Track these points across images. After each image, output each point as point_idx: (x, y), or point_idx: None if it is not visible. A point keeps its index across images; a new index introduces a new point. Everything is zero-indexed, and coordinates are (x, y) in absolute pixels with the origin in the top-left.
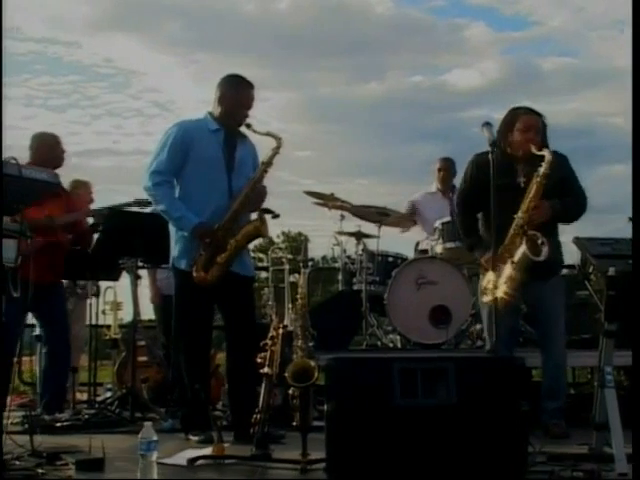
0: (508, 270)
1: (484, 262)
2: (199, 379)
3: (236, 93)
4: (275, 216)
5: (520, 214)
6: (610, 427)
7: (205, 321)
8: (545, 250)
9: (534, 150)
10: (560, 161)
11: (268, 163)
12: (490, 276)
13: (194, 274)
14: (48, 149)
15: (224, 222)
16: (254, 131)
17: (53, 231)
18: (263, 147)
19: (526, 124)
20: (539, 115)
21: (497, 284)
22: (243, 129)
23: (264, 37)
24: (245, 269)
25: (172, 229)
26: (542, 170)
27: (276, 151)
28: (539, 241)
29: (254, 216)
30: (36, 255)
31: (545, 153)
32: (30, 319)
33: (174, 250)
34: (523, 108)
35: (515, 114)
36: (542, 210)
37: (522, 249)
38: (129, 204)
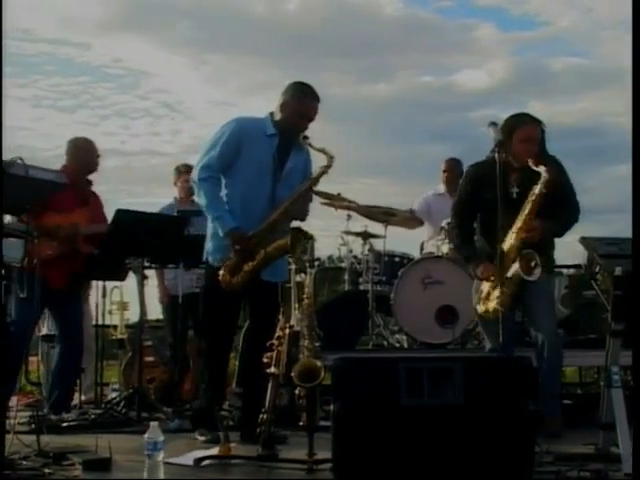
0: (501, 285)
1: (479, 274)
2: (212, 377)
3: (299, 103)
4: (308, 237)
5: (513, 234)
6: (617, 427)
7: (229, 320)
8: (537, 272)
9: (531, 164)
10: (556, 173)
11: (314, 181)
12: (485, 287)
13: (220, 276)
14: (84, 154)
15: (259, 231)
16: (309, 145)
17: (76, 239)
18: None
19: (526, 134)
20: (538, 122)
21: (490, 296)
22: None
23: (273, 38)
24: (276, 275)
25: (209, 225)
26: (538, 189)
27: (325, 170)
28: (532, 263)
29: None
30: (58, 261)
31: (542, 171)
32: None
33: (208, 244)
34: (522, 116)
35: (515, 122)
36: (534, 232)
37: (515, 267)
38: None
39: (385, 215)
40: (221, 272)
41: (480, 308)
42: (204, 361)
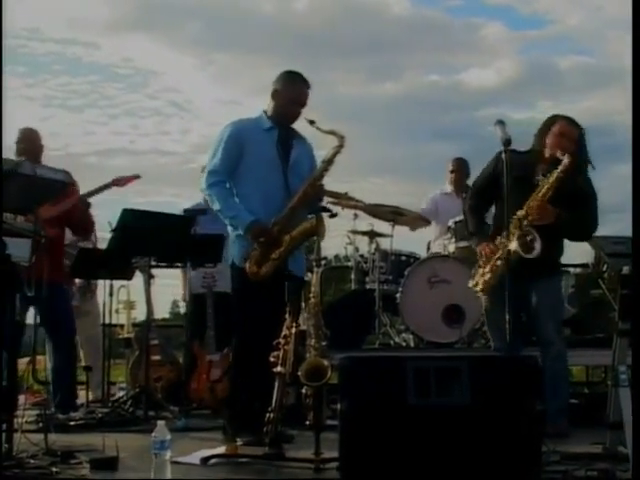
0: (496, 258)
1: (478, 250)
2: (248, 379)
3: (289, 90)
4: (332, 215)
5: (523, 209)
6: (624, 426)
7: (264, 319)
8: (536, 249)
9: (559, 154)
10: (585, 180)
11: (329, 161)
12: (480, 263)
13: (247, 269)
14: (28, 143)
15: (280, 218)
16: (317, 128)
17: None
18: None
19: (561, 129)
20: (578, 126)
21: (484, 273)
22: (303, 127)
23: (281, 37)
24: (298, 268)
25: (229, 229)
26: (557, 172)
27: (338, 150)
28: (529, 237)
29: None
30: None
31: (565, 157)
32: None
33: (232, 248)
34: (565, 116)
35: (555, 118)
36: (544, 212)
37: (513, 244)
38: (108, 185)
39: (392, 214)
40: (247, 265)
41: (470, 282)
42: (244, 362)
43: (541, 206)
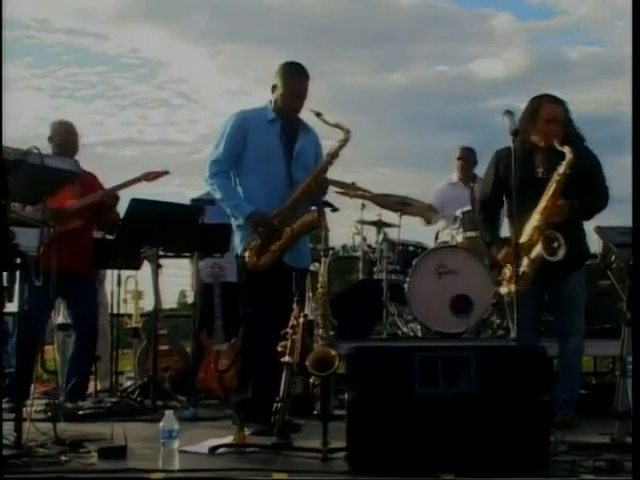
0: (523, 266)
1: (500, 259)
2: (254, 370)
3: (287, 82)
4: (334, 209)
5: (537, 214)
6: (632, 417)
7: (269, 310)
8: (561, 252)
9: (557, 145)
10: (585, 155)
11: (334, 155)
12: (507, 270)
13: (246, 259)
14: (66, 135)
15: (282, 209)
16: (324, 121)
17: (64, 219)
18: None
19: (549, 115)
20: (561, 103)
21: (512, 278)
22: (309, 118)
23: (289, 28)
24: (300, 261)
25: (231, 219)
26: (562, 169)
27: (343, 143)
28: (555, 244)
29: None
30: (52, 245)
31: (566, 151)
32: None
33: (235, 239)
34: (546, 96)
35: (538, 103)
36: (558, 211)
37: (538, 249)
38: (138, 179)
39: (400, 204)
40: (247, 254)
41: (503, 290)
42: (250, 353)
43: (554, 206)
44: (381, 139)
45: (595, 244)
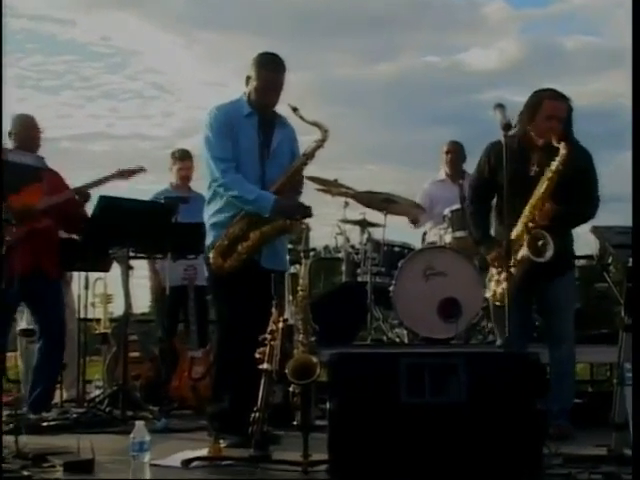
0: (511, 267)
1: (490, 259)
2: (230, 378)
3: (260, 76)
4: (306, 215)
5: (527, 211)
6: (630, 427)
7: (243, 315)
8: (548, 253)
9: (554, 141)
10: (580, 156)
11: (309, 155)
12: (493, 271)
13: (211, 260)
14: (27, 130)
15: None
16: (301, 117)
17: (32, 218)
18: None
19: (551, 111)
20: (565, 99)
21: (499, 280)
22: (287, 112)
23: (273, 16)
24: (277, 263)
25: (206, 216)
26: (555, 165)
27: (320, 144)
28: (539, 242)
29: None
30: (22, 246)
31: (561, 147)
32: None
33: (209, 238)
34: (549, 91)
35: (541, 98)
36: (542, 215)
37: (524, 249)
38: (112, 176)
39: (385, 202)
40: (211, 255)
41: (489, 292)
42: (225, 361)
43: (541, 207)
44: (368, 133)
45: (591, 245)
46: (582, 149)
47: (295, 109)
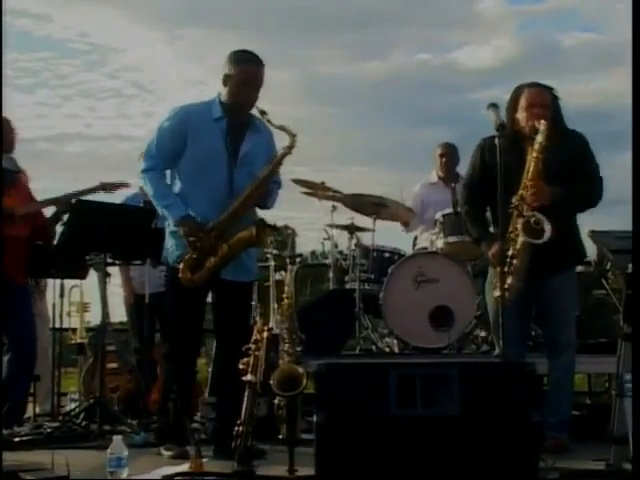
0: (513, 260)
1: (491, 256)
2: (177, 387)
3: (239, 71)
4: (274, 228)
5: (517, 195)
6: (630, 441)
7: (193, 323)
8: (546, 232)
9: (537, 124)
10: (576, 141)
11: (277, 164)
12: (498, 270)
13: (180, 274)
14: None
15: (219, 222)
16: (268, 121)
17: (11, 223)
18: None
19: (530, 100)
20: (548, 88)
21: (504, 277)
22: (258, 115)
23: (258, 12)
24: (242, 275)
25: (165, 222)
26: (537, 141)
27: (287, 151)
28: (532, 220)
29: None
30: None
31: (540, 124)
32: None
33: (168, 242)
34: (527, 83)
35: (521, 88)
36: (539, 193)
37: (521, 236)
38: (94, 189)
39: (374, 206)
40: (180, 267)
41: (496, 293)
42: (170, 369)
43: (534, 185)
44: (357, 134)
45: (589, 250)
46: (577, 134)
47: (263, 112)
